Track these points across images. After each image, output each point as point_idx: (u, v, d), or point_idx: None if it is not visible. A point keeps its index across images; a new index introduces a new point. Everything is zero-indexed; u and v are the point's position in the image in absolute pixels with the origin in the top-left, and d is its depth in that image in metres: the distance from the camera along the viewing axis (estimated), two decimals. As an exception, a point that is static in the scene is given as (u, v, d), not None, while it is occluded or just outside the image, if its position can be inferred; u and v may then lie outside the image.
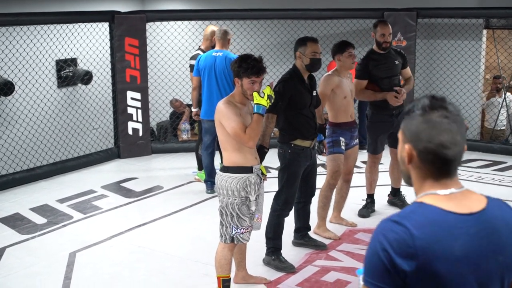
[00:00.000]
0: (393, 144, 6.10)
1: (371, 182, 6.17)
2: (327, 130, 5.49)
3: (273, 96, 4.19)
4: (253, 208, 4.16)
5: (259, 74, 4.11)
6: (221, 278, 4.23)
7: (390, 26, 5.94)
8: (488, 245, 1.74)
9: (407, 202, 6.28)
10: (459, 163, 1.81)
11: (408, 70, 6.13)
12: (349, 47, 5.42)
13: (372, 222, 5.88)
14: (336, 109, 5.46)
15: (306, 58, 4.84)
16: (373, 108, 6.00)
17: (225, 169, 4.14)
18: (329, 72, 5.50)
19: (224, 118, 4.04)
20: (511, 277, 1.79)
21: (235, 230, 4.14)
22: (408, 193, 6.59)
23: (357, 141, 5.65)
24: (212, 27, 7.10)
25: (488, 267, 1.73)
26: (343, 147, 5.48)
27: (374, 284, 1.69)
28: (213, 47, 6.80)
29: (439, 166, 1.77)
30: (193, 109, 6.94)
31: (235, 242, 4.19)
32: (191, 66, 6.96)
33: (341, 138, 5.46)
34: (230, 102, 4.13)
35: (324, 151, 5.31)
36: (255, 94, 4.09)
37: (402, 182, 6.42)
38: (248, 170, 4.12)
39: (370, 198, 6.23)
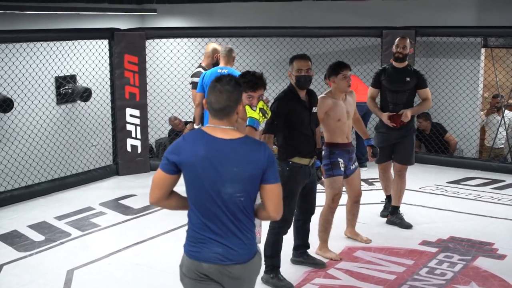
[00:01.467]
0: (395, 158, 6.27)
1: (386, 187, 6.48)
2: (324, 151, 5.47)
3: (267, 110, 4.22)
4: None
5: (254, 89, 4.20)
6: None
7: (408, 41, 6.16)
8: (226, 156, 2.93)
9: (406, 220, 6.29)
10: (228, 113, 2.98)
11: (424, 92, 6.20)
12: (343, 69, 5.35)
13: (384, 241, 5.86)
14: (331, 131, 5.44)
15: (293, 76, 4.86)
16: (380, 119, 6.30)
17: None
18: (323, 95, 5.45)
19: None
20: (239, 182, 2.93)
21: None
22: (427, 203, 6.64)
23: (356, 163, 5.62)
24: (213, 44, 7.13)
25: (224, 169, 2.91)
26: (342, 169, 5.45)
27: (164, 164, 2.97)
28: (214, 64, 6.84)
29: (212, 113, 3.00)
30: (196, 126, 6.96)
31: None
32: (193, 83, 6.99)
33: (339, 160, 5.43)
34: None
35: (322, 177, 5.27)
36: (247, 107, 4.14)
37: (424, 190, 6.52)
38: None
39: (389, 198, 6.45)
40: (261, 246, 4.62)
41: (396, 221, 6.29)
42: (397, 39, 6.23)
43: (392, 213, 6.35)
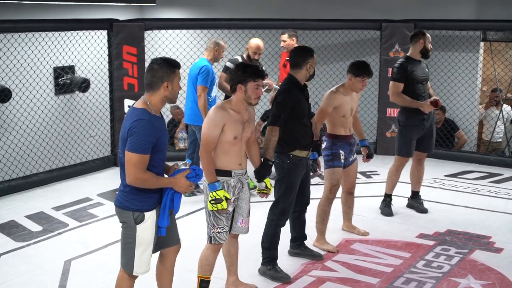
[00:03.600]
0: (418, 147, 6.38)
1: (394, 184, 6.45)
2: (326, 142, 5.49)
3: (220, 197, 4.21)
4: (230, 208, 4.24)
5: (263, 76, 4.27)
6: (199, 278, 4.38)
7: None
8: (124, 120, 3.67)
9: (424, 205, 6.51)
10: (152, 87, 3.65)
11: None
12: (364, 75, 5.38)
13: (381, 234, 5.89)
14: (334, 123, 5.48)
15: (312, 68, 4.89)
16: (407, 113, 6.24)
17: None
18: (333, 89, 5.47)
19: (205, 121, 4.19)
20: (120, 142, 3.64)
21: (212, 229, 4.25)
22: (425, 196, 6.70)
23: (355, 156, 5.64)
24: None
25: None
26: (342, 161, 5.47)
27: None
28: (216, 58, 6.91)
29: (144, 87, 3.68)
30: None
31: (213, 242, 4.28)
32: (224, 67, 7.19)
33: (341, 151, 5.45)
34: (223, 107, 4.22)
35: (318, 170, 5.27)
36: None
37: (423, 183, 6.57)
38: (226, 173, 4.22)
39: (389, 197, 6.48)
40: (249, 239, 4.65)
41: (414, 204, 6.55)
42: (427, 36, 6.25)
43: (412, 197, 6.59)
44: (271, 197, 5.00)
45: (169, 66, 3.65)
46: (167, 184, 3.68)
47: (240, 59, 7.06)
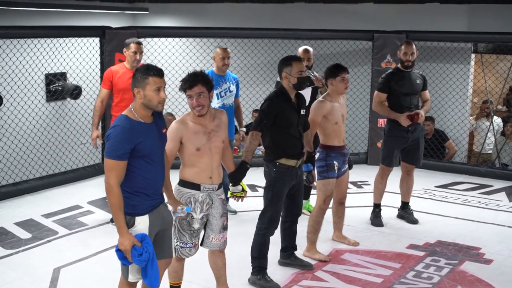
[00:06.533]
0: (405, 159, 6.40)
1: (381, 193, 6.46)
2: (319, 153, 5.49)
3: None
4: (195, 226, 4.21)
5: (191, 87, 4.05)
6: (170, 284, 4.44)
7: (414, 46, 6.27)
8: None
9: (414, 216, 6.53)
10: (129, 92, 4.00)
11: (426, 93, 6.45)
12: (342, 72, 5.39)
13: (371, 244, 5.90)
14: (327, 134, 5.47)
15: (293, 78, 4.80)
16: (391, 123, 6.30)
17: (179, 181, 4.28)
18: (321, 98, 5.48)
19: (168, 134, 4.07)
20: None
21: (175, 242, 4.24)
22: (415, 207, 6.71)
23: (347, 166, 5.66)
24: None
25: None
26: (336, 172, 5.48)
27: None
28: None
29: None
30: None
31: (176, 254, 4.26)
32: None
33: (335, 162, 5.46)
34: (182, 120, 4.18)
35: (314, 182, 5.26)
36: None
37: (412, 194, 6.58)
38: (195, 187, 4.19)
39: (378, 207, 6.49)
40: (239, 249, 4.63)
41: (405, 215, 6.56)
42: (403, 46, 6.28)
43: (402, 208, 6.61)
44: (260, 206, 5.00)
45: (142, 72, 3.62)
46: (118, 227, 3.58)
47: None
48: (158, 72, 3.61)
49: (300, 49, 6.63)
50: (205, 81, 4.07)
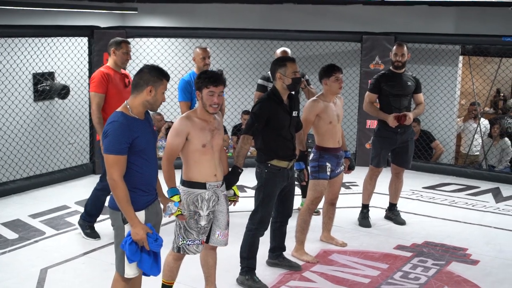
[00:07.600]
0: (394, 160, 6.46)
1: (370, 194, 6.50)
2: (313, 154, 5.50)
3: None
4: (202, 223, 4.23)
5: (216, 84, 4.12)
6: (163, 282, 4.42)
7: (405, 48, 6.30)
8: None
9: (401, 217, 6.57)
10: (136, 88, 3.66)
11: (420, 96, 6.46)
12: (336, 72, 5.40)
13: (359, 245, 5.91)
14: (322, 134, 5.47)
15: (287, 79, 4.80)
16: (380, 124, 6.36)
17: (181, 182, 4.28)
18: (314, 98, 5.49)
19: (170, 131, 4.18)
20: None
21: (181, 241, 4.26)
22: (403, 208, 6.70)
23: (342, 167, 5.66)
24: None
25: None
26: (328, 173, 5.48)
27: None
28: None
29: None
30: None
31: (181, 252, 4.29)
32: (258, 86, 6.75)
33: (327, 164, 5.46)
34: (188, 116, 4.21)
35: (305, 180, 5.25)
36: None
37: (401, 195, 6.61)
38: (201, 186, 4.20)
39: (366, 208, 6.52)
40: (227, 249, 4.63)
41: (392, 216, 6.60)
42: (394, 47, 6.32)
43: (390, 209, 6.65)
44: (251, 206, 5.00)
45: (158, 73, 3.69)
46: (130, 219, 3.60)
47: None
48: (168, 77, 3.76)
49: (278, 51, 6.67)
50: (225, 83, 4.22)
